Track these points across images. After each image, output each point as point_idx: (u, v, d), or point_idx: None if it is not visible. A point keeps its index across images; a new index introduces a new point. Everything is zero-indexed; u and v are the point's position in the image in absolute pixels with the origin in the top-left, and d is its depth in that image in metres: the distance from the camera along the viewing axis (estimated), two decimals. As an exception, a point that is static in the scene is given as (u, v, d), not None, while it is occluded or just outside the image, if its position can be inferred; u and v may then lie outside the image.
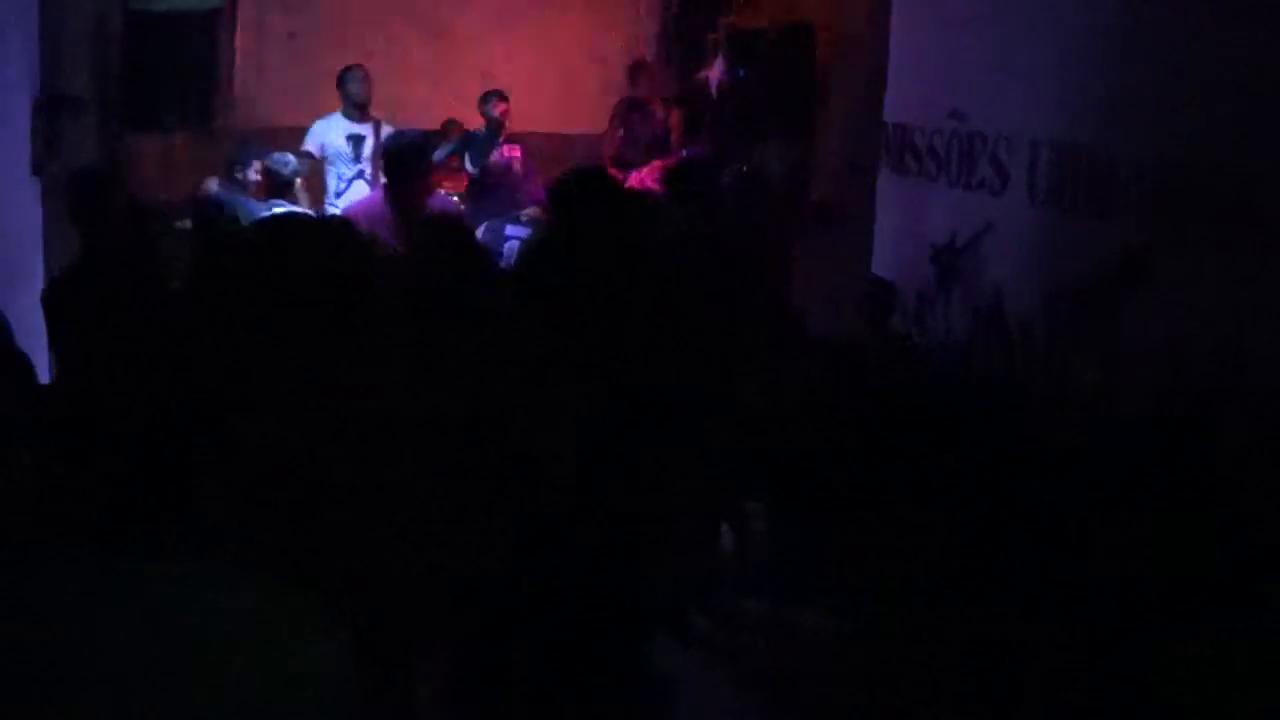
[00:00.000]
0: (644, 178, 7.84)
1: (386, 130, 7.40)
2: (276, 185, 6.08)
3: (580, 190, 4.01)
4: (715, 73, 8.64)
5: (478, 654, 3.11)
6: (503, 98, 8.01)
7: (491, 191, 7.71)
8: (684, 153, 8.37)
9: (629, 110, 8.69)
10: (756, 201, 7.51)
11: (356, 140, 7.23)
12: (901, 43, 6.84)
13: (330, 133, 7.25)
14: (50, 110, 5.65)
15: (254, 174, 6.14)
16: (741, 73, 8.36)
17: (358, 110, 7.27)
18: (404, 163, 5.18)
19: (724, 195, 6.70)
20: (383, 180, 5.67)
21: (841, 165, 7.57)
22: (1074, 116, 5.17)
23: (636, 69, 8.91)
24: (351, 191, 7.12)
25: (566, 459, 3.26)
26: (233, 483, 1.31)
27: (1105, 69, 4.99)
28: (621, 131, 8.65)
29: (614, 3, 9.77)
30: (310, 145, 7.22)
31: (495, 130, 7.91)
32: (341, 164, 7.24)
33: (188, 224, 5.89)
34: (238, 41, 9.19)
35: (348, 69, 7.33)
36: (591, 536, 3.39)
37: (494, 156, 7.81)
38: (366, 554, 1.83)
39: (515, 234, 6.91)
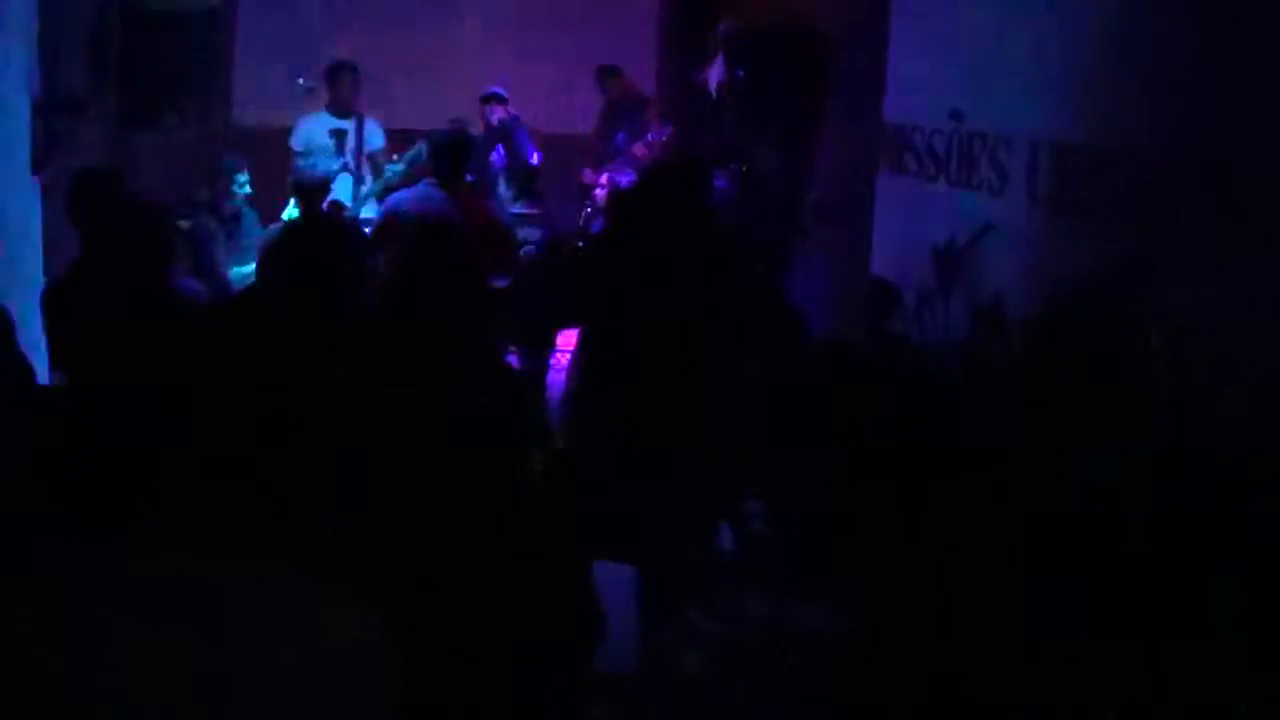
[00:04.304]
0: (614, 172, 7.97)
1: (370, 125, 7.50)
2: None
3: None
4: (715, 73, 8.64)
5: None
6: (500, 100, 7.99)
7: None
8: (650, 136, 8.46)
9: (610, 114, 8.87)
10: (756, 201, 7.52)
11: (339, 135, 7.42)
12: (901, 43, 6.83)
13: (313, 128, 7.47)
14: (50, 110, 5.64)
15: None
16: (741, 73, 8.36)
17: (342, 105, 7.43)
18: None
19: (724, 195, 6.70)
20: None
21: (841, 165, 7.57)
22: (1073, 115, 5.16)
23: (604, 74, 9.03)
24: (335, 186, 7.26)
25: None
26: (231, 476, 1.31)
27: (1104, 66, 4.98)
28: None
29: (614, 3, 9.77)
30: (295, 141, 7.45)
31: (493, 135, 7.89)
32: (324, 159, 7.30)
33: (186, 224, 5.89)
34: (237, 41, 9.19)
35: (338, 64, 7.53)
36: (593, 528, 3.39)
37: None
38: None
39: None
